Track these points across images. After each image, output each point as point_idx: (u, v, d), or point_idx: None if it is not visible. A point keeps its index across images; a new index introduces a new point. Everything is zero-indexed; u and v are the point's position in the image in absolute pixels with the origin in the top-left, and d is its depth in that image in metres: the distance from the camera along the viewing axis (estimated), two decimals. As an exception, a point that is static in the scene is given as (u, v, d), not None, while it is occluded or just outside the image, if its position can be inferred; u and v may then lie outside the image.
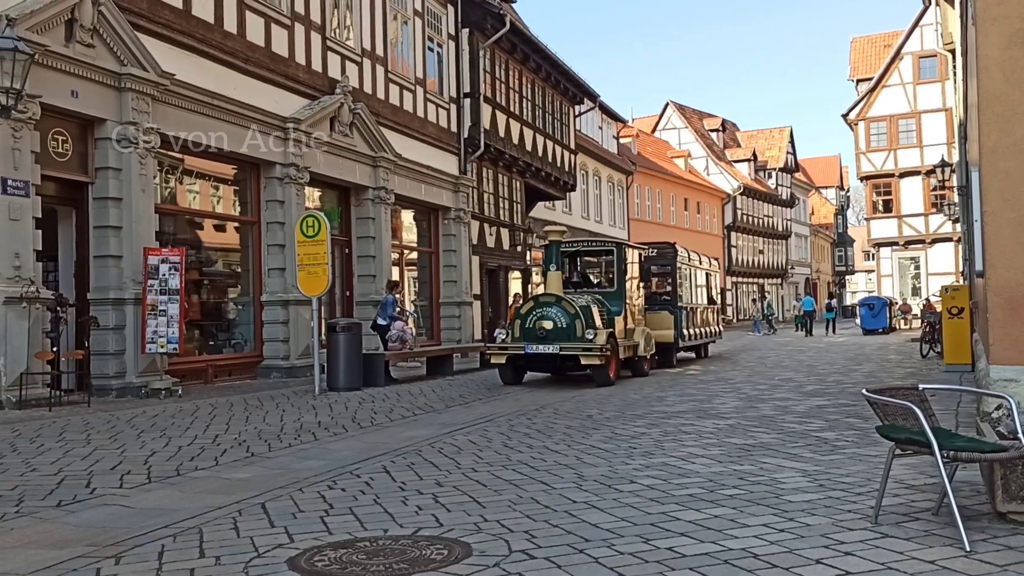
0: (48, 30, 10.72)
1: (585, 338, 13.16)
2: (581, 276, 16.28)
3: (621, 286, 15.21)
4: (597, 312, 13.93)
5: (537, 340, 13.33)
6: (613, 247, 15.80)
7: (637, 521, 4.70)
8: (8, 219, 10.18)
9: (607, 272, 16.32)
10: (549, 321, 13.36)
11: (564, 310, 13.41)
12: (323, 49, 16.54)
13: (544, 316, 13.45)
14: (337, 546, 4.34)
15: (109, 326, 11.50)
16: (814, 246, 69.50)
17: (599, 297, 14.76)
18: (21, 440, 7.90)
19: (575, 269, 16.34)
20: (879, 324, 33.10)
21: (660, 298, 18.43)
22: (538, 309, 13.61)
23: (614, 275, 15.49)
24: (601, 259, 16.89)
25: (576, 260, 16.53)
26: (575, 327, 13.25)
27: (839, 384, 12.96)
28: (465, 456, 6.97)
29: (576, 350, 13.14)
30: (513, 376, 13.81)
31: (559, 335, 13.27)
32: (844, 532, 4.38)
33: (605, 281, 16.17)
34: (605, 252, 16.43)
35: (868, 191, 42.78)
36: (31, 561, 4.19)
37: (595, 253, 16.92)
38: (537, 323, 13.42)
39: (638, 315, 16.01)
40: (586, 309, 13.63)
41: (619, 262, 15.37)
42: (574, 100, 29.69)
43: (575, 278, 15.96)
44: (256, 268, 15.09)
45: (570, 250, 15.98)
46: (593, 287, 15.85)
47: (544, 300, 13.81)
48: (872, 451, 6.71)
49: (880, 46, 43.67)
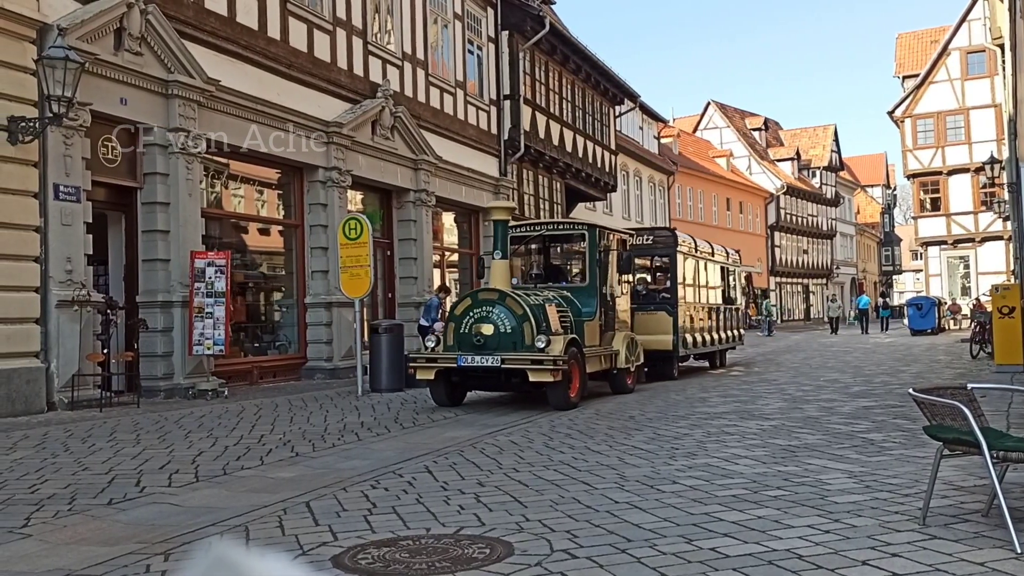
0: (98, 39, 10.96)
1: (535, 347, 10.12)
2: (549, 268, 13.26)
3: (594, 280, 11.97)
4: (555, 313, 10.88)
5: (474, 349, 10.32)
6: (584, 230, 12.42)
7: (680, 521, 4.67)
8: (60, 224, 10.43)
9: (578, 262, 13.29)
10: (489, 325, 10.36)
11: (509, 310, 10.40)
12: (364, 53, 16.68)
13: (483, 318, 10.44)
14: (380, 544, 4.38)
15: (157, 328, 11.72)
16: (860, 245, 68.44)
17: (566, 294, 11.72)
18: (73, 440, 8.08)
19: (544, 259, 13.37)
20: (927, 324, 32.51)
21: (658, 296, 15.52)
22: (476, 309, 10.54)
23: (585, 266, 12.29)
24: (568, 246, 13.63)
25: (546, 248, 13.36)
26: (523, 332, 10.29)
27: (886, 385, 12.75)
28: (506, 456, 6.98)
29: (522, 363, 10.04)
30: (449, 395, 10.76)
31: (502, 343, 10.28)
32: (891, 533, 4.32)
33: (578, 274, 13.01)
34: (573, 237, 13.08)
35: (915, 189, 42.04)
36: (84, 557, 4.29)
37: (560, 239, 13.46)
38: (475, 327, 10.39)
39: (620, 316, 12.81)
40: (538, 309, 10.59)
41: (592, 249, 12.06)
42: (614, 100, 29.60)
43: (535, 270, 13.08)
44: (300, 270, 15.27)
45: (530, 235, 12.79)
46: (566, 282, 12.76)
47: (484, 298, 10.69)
48: (920, 452, 6.59)
49: (927, 42, 42.92)
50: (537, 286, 12.06)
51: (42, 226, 10.27)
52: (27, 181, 10.13)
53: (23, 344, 10.00)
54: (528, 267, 13.22)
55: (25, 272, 10.09)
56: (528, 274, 12.99)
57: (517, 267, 12.95)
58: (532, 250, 13.29)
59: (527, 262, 13.42)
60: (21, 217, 10.04)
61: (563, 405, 10.19)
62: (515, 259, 12.67)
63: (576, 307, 11.58)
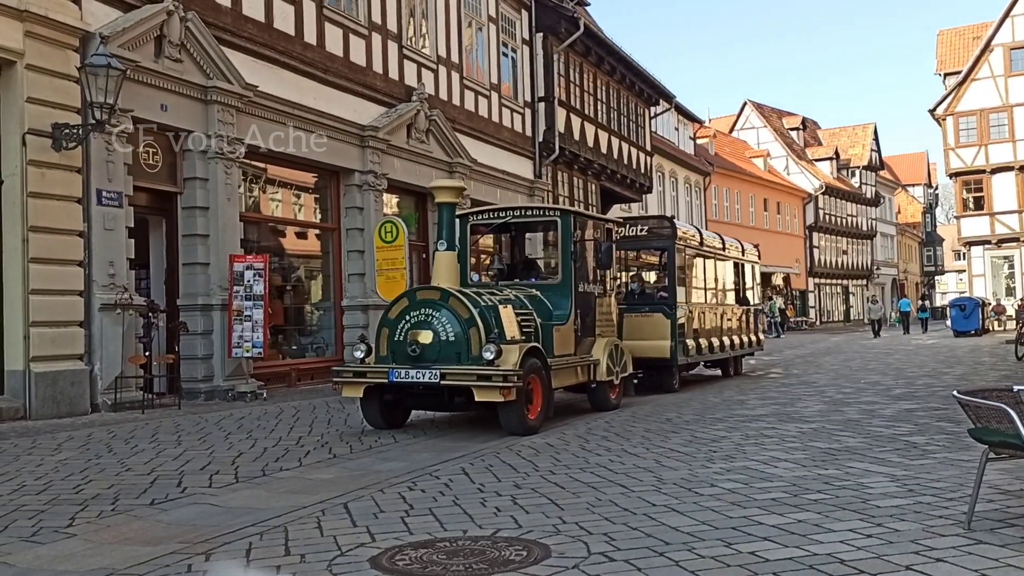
0: (139, 47, 11.14)
1: (482, 358, 8.22)
2: (519, 262, 11.51)
3: (568, 276, 10.02)
4: (511, 316, 8.93)
5: (409, 361, 8.44)
6: (556, 217, 10.47)
7: (718, 525, 4.63)
8: (103, 229, 10.61)
9: (550, 256, 11.42)
10: (427, 331, 8.47)
11: (453, 313, 8.52)
12: (400, 57, 16.78)
13: (421, 323, 8.54)
14: (417, 546, 4.39)
15: (197, 331, 11.87)
16: (901, 246, 67.44)
17: (535, 294, 9.89)
18: (116, 441, 8.21)
19: (513, 252, 11.75)
20: (971, 326, 31.95)
21: (655, 296, 13.75)
22: (413, 312, 8.65)
23: (558, 260, 10.40)
24: (539, 236, 11.72)
25: (518, 239, 11.74)
26: (468, 341, 8.40)
27: (929, 387, 12.54)
28: (542, 459, 6.97)
29: (465, 378, 8.20)
30: (385, 415, 8.91)
31: (443, 354, 8.38)
32: (935, 538, 4.24)
33: (553, 270, 11.06)
34: (544, 225, 11.20)
35: (958, 188, 41.33)
36: (127, 556, 4.36)
37: (529, 227, 11.46)
38: (410, 334, 8.49)
39: (602, 319, 10.81)
40: (489, 312, 8.66)
41: (565, 240, 10.08)
42: (649, 101, 29.47)
43: (497, 264, 11.03)
44: (336, 273, 15.39)
45: (493, 221, 10.79)
46: (536, 279, 10.80)
47: (423, 298, 8.79)
48: (964, 456, 6.47)
49: (968, 38, 42.18)
50: (499, 283, 10.26)
51: (86, 231, 10.46)
52: (71, 187, 10.32)
53: (67, 347, 10.19)
54: (493, 262, 11.02)
55: (69, 276, 10.27)
56: (493, 270, 10.72)
57: (481, 262, 11.16)
58: (501, 242, 11.28)
59: (504, 256, 11.09)
60: (65, 222, 10.24)
61: (519, 429, 8.25)
62: (479, 252, 10.87)
63: (547, 309, 9.74)
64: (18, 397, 9.84)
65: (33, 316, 9.86)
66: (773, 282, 46.79)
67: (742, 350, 16.43)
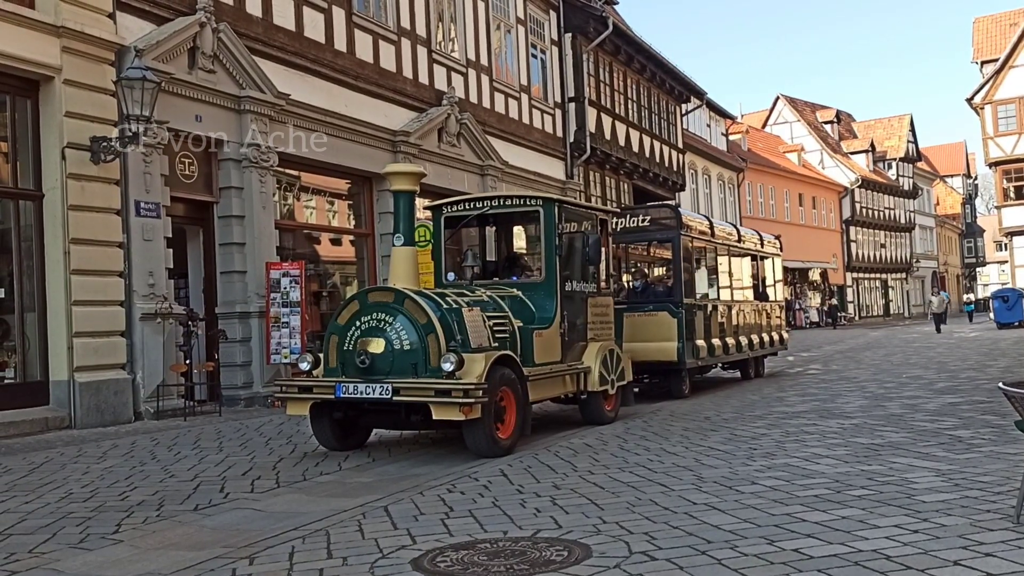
0: (172, 59, 11.29)
1: (441, 370, 7.13)
2: (501, 259, 10.33)
3: (552, 273, 8.88)
4: (480, 321, 7.81)
5: (359, 373, 7.36)
6: (539, 207, 9.08)
7: (760, 522, 4.58)
8: (142, 240, 10.78)
9: (533, 251, 10.44)
10: (379, 339, 7.38)
11: (409, 318, 7.41)
12: (429, 62, 16.85)
13: (372, 330, 7.45)
14: (458, 547, 4.40)
15: (236, 339, 12.00)
16: (940, 238, 66.38)
17: (516, 294, 8.87)
18: (160, 448, 8.33)
19: (495, 247, 10.60)
20: (1015, 317, 31.36)
21: (660, 292, 12.69)
22: (364, 317, 7.55)
23: (541, 255, 9.11)
24: (521, 229, 10.83)
25: (503, 234, 10.58)
26: (426, 350, 7.32)
27: (972, 380, 12.32)
28: (581, 459, 6.95)
29: (422, 394, 7.14)
30: (337, 434, 7.87)
31: (396, 365, 7.32)
32: (983, 532, 4.16)
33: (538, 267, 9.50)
34: (525, 217, 9.90)
35: (998, 178, 40.61)
36: (172, 561, 4.42)
37: (510, 219, 10.16)
38: (360, 342, 7.42)
39: (595, 322, 9.60)
40: (451, 316, 7.59)
41: (549, 233, 8.92)
42: (680, 99, 29.31)
43: (470, 261, 9.71)
44: (371, 279, 15.47)
45: (469, 213, 9.54)
46: (518, 277, 9.57)
47: (375, 300, 7.70)
48: (1011, 449, 6.35)
49: (1006, 25, 41.43)
50: (473, 283, 9.08)
51: (125, 242, 10.62)
52: (110, 199, 10.49)
53: (110, 356, 10.36)
54: (466, 259, 9.82)
55: (110, 287, 10.44)
56: (461, 266, 9.72)
57: (455, 259, 10.24)
58: (484, 237, 10.44)
59: (474, 253, 10.27)
60: (105, 234, 10.41)
61: (486, 451, 7.20)
62: (453, 248, 9.99)
63: (528, 311, 8.73)
64: (63, 407, 10.01)
65: (76, 327, 10.03)
66: (810, 278, 46.29)
67: (763, 350, 15.41)
